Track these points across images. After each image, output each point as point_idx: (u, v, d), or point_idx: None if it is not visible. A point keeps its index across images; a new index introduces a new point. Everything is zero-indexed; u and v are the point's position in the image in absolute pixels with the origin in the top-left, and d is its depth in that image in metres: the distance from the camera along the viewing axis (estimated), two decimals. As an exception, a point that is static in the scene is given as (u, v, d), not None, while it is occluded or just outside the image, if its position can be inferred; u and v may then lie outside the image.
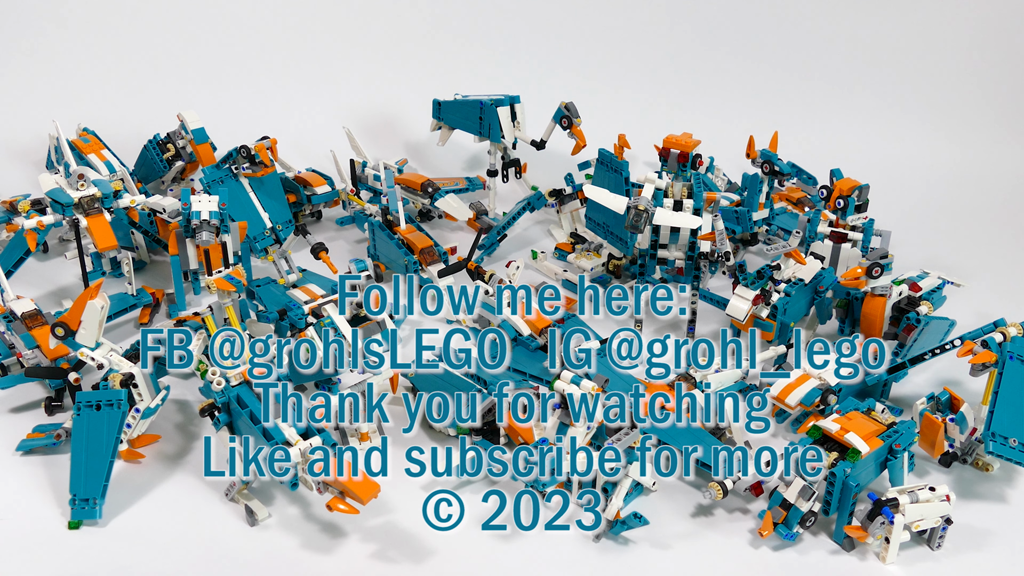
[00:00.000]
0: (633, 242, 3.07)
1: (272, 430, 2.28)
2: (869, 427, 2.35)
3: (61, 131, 3.31)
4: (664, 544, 2.33)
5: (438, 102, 3.84)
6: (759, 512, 2.38)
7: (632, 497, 2.43)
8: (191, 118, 3.60)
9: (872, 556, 2.31)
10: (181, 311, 3.14)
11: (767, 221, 3.56)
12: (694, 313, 3.11)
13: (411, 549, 2.29)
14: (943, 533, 2.32)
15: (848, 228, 3.13)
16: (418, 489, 2.47)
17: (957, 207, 4.22)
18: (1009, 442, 2.44)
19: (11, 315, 2.75)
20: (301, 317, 2.76)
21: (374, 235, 3.38)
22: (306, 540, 2.31)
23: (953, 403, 2.58)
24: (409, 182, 3.71)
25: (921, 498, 2.27)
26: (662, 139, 3.13)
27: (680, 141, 3.12)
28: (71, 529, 2.30)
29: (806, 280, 2.95)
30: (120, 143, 3.83)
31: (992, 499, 2.53)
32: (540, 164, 4.03)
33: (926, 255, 3.72)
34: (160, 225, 3.36)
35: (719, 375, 2.71)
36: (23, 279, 3.24)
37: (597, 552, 2.30)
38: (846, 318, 3.04)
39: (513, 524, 2.36)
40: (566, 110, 3.62)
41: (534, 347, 2.91)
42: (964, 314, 3.14)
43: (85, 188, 2.95)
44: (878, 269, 2.87)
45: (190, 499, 2.42)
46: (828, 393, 2.62)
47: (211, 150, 3.61)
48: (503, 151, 3.79)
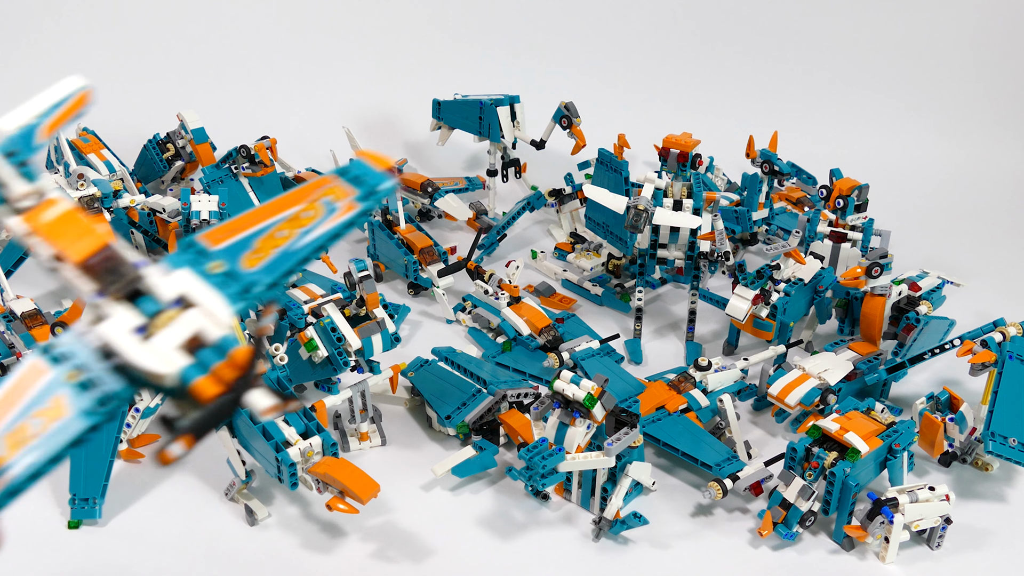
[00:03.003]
0: (633, 242, 3.07)
1: (272, 429, 2.28)
2: (869, 427, 2.35)
3: (61, 131, 3.30)
4: (664, 544, 2.33)
5: (438, 102, 3.84)
6: (759, 512, 2.38)
7: (632, 497, 2.43)
8: (191, 118, 3.60)
9: (872, 556, 2.31)
10: (181, 311, 3.14)
11: (767, 221, 3.56)
12: (693, 313, 3.11)
13: (411, 549, 2.29)
14: (943, 533, 2.32)
15: (848, 228, 3.13)
16: (418, 489, 2.47)
17: (957, 207, 4.22)
18: (1009, 442, 2.44)
19: (11, 315, 2.75)
20: (301, 317, 2.76)
21: (374, 235, 3.38)
22: (306, 540, 2.31)
23: (953, 403, 2.58)
24: (409, 182, 3.71)
25: (921, 498, 2.27)
26: (662, 139, 3.12)
27: (680, 141, 3.11)
28: (71, 529, 2.31)
29: (806, 280, 2.95)
30: (120, 143, 3.82)
31: (992, 499, 2.53)
32: (540, 164, 4.03)
33: (926, 255, 3.71)
34: (160, 225, 3.36)
35: (718, 375, 2.71)
36: (23, 279, 3.23)
37: (597, 552, 2.30)
38: (846, 318, 3.04)
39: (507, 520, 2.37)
40: (566, 110, 3.62)
41: (534, 347, 2.91)
42: (964, 314, 3.14)
43: (85, 188, 2.95)
44: (878, 269, 2.87)
45: (190, 499, 2.42)
46: (828, 393, 2.62)
47: (211, 150, 3.61)
48: (503, 151, 3.79)
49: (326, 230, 1.20)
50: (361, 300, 2.70)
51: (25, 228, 1.15)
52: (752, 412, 2.83)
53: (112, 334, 1.08)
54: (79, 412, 1.06)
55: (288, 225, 1.19)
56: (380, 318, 2.71)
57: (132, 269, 1.11)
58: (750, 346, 3.08)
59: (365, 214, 1.22)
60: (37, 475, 1.04)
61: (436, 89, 4.01)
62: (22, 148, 1.17)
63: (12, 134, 1.17)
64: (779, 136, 3.81)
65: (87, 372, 1.08)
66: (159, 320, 1.08)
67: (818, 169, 3.75)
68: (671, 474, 2.58)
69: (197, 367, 1.05)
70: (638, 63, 4.80)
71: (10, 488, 1.03)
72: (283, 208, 1.22)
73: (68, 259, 1.11)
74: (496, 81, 4.26)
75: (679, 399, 2.64)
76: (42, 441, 1.04)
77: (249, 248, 1.17)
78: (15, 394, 1.06)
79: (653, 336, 3.19)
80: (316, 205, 1.21)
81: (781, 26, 4.82)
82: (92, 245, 1.11)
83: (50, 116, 1.23)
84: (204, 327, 1.09)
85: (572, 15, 4.80)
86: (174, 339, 1.07)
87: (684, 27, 4.82)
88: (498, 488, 2.49)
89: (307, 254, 1.18)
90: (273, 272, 1.17)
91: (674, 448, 2.50)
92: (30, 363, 1.09)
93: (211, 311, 1.10)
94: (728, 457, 2.48)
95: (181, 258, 1.17)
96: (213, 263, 1.16)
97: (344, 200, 1.21)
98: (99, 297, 1.12)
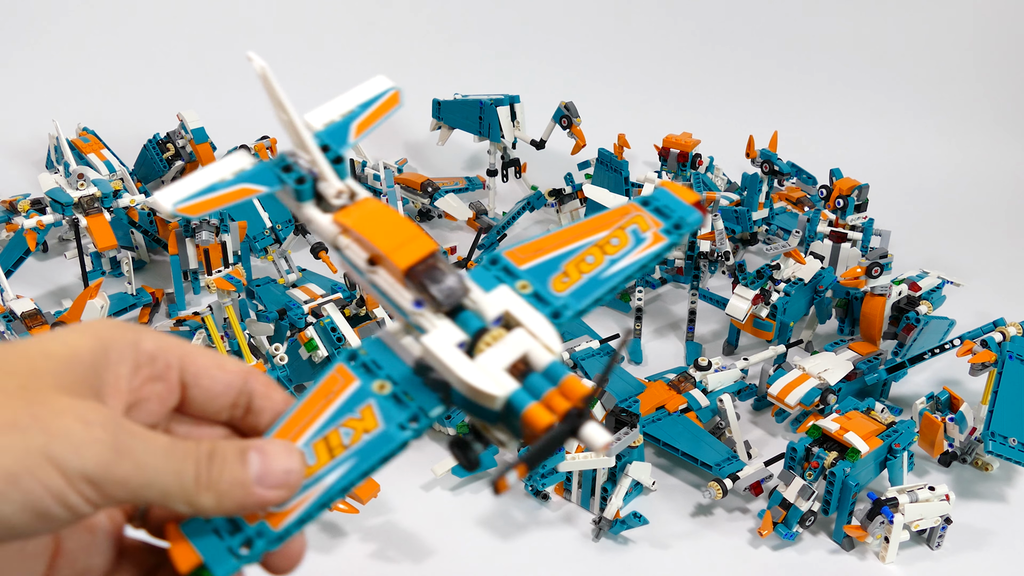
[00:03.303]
0: (633, 242, 3.07)
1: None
2: (869, 427, 2.35)
3: (61, 131, 3.31)
4: (664, 544, 2.33)
5: (438, 102, 3.84)
6: (759, 512, 2.38)
7: (632, 496, 2.43)
8: (191, 118, 3.60)
9: (871, 555, 2.31)
10: (181, 311, 3.14)
11: (767, 221, 3.56)
12: (693, 313, 3.11)
13: (411, 549, 2.29)
14: (942, 532, 2.32)
15: (848, 228, 3.13)
16: (418, 489, 2.47)
17: (957, 207, 4.22)
18: (1009, 441, 2.44)
19: (11, 315, 2.74)
20: (301, 317, 2.76)
21: (374, 235, 3.37)
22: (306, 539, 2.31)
23: (953, 403, 2.58)
24: (409, 182, 3.71)
25: (920, 497, 2.27)
26: (662, 139, 3.13)
27: (680, 141, 3.12)
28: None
29: (806, 280, 2.95)
30: (120, 143, 3.83)
31: (992, 499, 2.53)
32: (540, 164, 4.03)
33: (926, 255, 3.71)
34: (160, 225, 3.36)
35: (718, 375, 2.71)
36: (23, 279, 3.23)
37: (597, 552, 2.30)
38: (845, 318, 3.04)
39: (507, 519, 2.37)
40: (566, 110, 3.62)
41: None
42: (964, 314, 3.14)
43: (85, 188, 2.95)
44: (878, 269, 2.87)
45: (190, 499, 2.42)
46: (827, 392, 2.62)
47: (211, 150, 3.61)
48: (503, 151, 3.79)
49: (634, 260, 1.12)
50: (361, 300, 2.70)
51: (335, 228, 1.07)
52: (752, 412, 2.83)
53: (438, 348, 1.00)
54: (393, 427, 1.00)
55: (595, 251, 1.13)
56: (380, 318, 2.71)
57: (460, 279, 1.04)
58: (750, 346, 3.08)
59: (671, 248, 1.15)
60: (348, 487, 0.99)
61: (436, 89, 4.01)
62: (334, 144, 1.12)
63: (322, 130, 1.13)
64: (779, 136, 3.81)
65: (398, 385, 1.03)
66: (485, 338, 1.01)
67: (818, 169, 3.75)
68: (671, 474, 2.58)
69: (527, 392, 0.98)
70: (638, 63, 4.80)
71: (323, 499, 0.98)
72: (588, 233, 1.15)
73: (391, 264, 1.03)
74: (496, 81, 4.26)
75: (679, 399, 2.64)
76: (353, 452, 0.99)
77: (558, 271, 1.11)
78: (320, 399, 1.02)
79: (653, 336, 3.19)
80: (623, 233, 1.15)
81: (781, 26, 4.82)
82: (420, 251, 1.03)
83: (360, 115, 1.19)
84: (532, 350, 1.01)
85: (572, 15, 4.80)
86: (502, 360, 1.00)
87: (684, 27, 4.82)
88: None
89: (616, 283, 1.11)
90: (581, 299, 1.09)
91: (674, 448, 2.50)
92: (335, 368, 1.03)
93: (538, 334, 1.03)
94: (728, 457, 2.48)
95: (487, 274, 1.10)
96: (522, 282, 1.10)
97: (649, 231, 1.15)
98: (417, 307, 1.03)
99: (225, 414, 1.05)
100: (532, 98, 3.82)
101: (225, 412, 1.05)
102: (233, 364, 1.04)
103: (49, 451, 0.81)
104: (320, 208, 1.09)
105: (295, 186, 1.07)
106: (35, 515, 0.81)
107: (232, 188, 1.05)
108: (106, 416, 0.85)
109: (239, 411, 1.05)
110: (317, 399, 1.02)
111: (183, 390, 1.02)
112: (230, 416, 1.05)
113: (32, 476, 0.80)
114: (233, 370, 1.03)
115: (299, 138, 1.09)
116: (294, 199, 1.08)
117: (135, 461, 0.85)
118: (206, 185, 1.04)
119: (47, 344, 0.89)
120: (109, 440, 0.84)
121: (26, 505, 0.80)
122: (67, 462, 0.81)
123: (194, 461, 0.89)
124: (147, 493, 0.86)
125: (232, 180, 1.06)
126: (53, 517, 0.82)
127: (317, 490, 0.98)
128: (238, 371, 1.04)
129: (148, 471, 0.86)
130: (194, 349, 1.02)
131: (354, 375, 1.03)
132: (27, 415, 0.82)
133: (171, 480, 0.88)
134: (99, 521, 1.01)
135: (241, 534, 0.95)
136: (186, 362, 1.00)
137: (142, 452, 0.86)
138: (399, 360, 1.04)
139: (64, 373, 0.88)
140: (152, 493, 0.87)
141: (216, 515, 0.92)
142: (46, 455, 0.80)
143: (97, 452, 0.83)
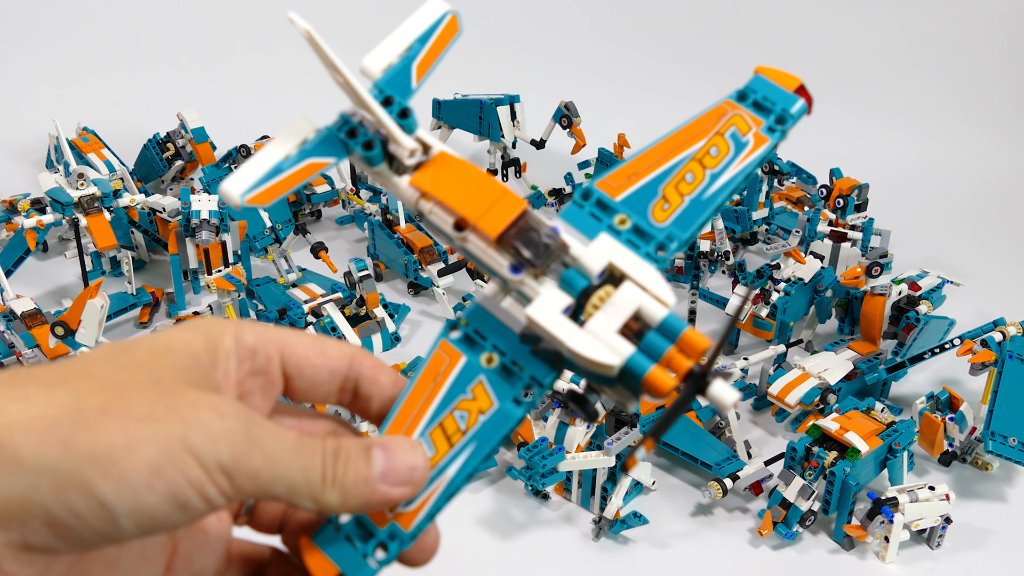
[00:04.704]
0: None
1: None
2: (869, 426, 2.35)
3: (61, 130, 3.31)
4: (664, 543, 2.33)
5: (438, 101, 3.84)
6: (759, 511, 2.38)
7: (632, 496, 2.43)
8: (191, 117, 3.60)
9: (871, 555, 2.31)
10: (181, 310, 3.14)
11: (767, 220, 3.56)
12: (693, 313, 3.11)
13: (411, 548, 2.28)
14: (942, 532, 2.32)
15: (848, 227, 3.13)
16: (418, 488, 2.47)
17: (957, 207, 4.22)
18: (1009, 441, 2.44)
19: (11, 314, 2.75)
20: (301, 316, 2.76)
21: (374, 234, 3.38)
22: (306, 539, 2.31)
23: (953, 402, 2.58)
24: (409, 181, 3.71)
25: (920, 497, 2.27)
26: (662, 138, 3.13)
27: (680, 140, 3.12)
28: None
29: (806, 279, 2.95)
30: (120, 143, 3.83)
31: (992, 498, 2.53)
32: (540, 163, 4.03)
33: (926, 255, 3.72)
34: (160, 224, 3.36)
35: (719, 374, 2.71)
36: (23, 278, 3.23)
37: (597, 551, 2.30)
38: (845, 317, 3.04)
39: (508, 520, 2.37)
40: (566, 109, 3.62)
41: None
42: (964, 313, 3.14)
43: (85, 187, 2.95)
44: (878, 268, 2.88)
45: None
46: (827, 392, 2.62)
47: (211, 149, 3.61)
48: (503, 150, 3.79)
49: (738, 171, 0.99)
50: (361, 300, 2.70)
51: (415, 193, 0.97)
52: (752, 412, 2.83)
53: (544, 319, 0.91)
54: (508, 403, 0.94)
55: (694, 167, 1.00)
56: (380, 317, 2.71)
57: (554, 238, 0.93)
58: (750, 346, 3.08)
59: (774, 149, 1.02)
60: (472, 475, 0.97)
61: (436, 89, 4.01)
62: (398, 95, 0.98)
63: (381, 78, 0.99)
64: (779, 136, 3.81)
65: (506, 355, 0.95)
66: (592, 299, 0.92)
67: (818, 169, 3.75)
68: (671, 474, 2.58)
69: (644, 355, 0.90)
70: (638, 63, 4.80)
71: (448, 491, 0.96)
72: (685, 145, 1.01)
73: (480, 230, 0.94)
74: (496, 81, 4.26)
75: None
76: (472, 437, 0.94)
77: (657, 196, 0.99)
78: (429, 381, 0.96)
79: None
80: (722, 140, 1.02)
81: (781, 26, 4.82)
82: (509, 213, 0.93)
83: (420, 53, 1.02)
84: (645, 305, 0.92)
85: (572, 15, 4.80)
86: (613, 322, 0.91)
87: (684, 27, 4.82)
88: (498, 488, 2.49)
89: (720, 202, 0.98)
90: (686, 226, 0.98)
91: (674, 448, 2.50)
92: (439, 345, 0.96)
93: (648, 286, 0.93)
94: (728, 457, 2.48)
95: (581, 213, 0.98)
96: (619, 216, 0.98)
97: (750, 133, 1.02)
98: (515, 273, 0.94)
99: (333, 399, 1.02)
100: (532, 98, 3.82)
101: (333, 397, 1.02)
102: (336, 349, 0.99)
103: (188, 441, 0.79)
104: (394, 169, 0.99)
105: (363, 152, 0.96)
106: (176, 506, 0.79)
107: (299, 166, 0.95)
108: (238, 409, 0.84)
109: (347, 396, 1.02)
110: (426, 382, 0.97)
111: (286, 381, 0.99)
112: (338, 401, 1.02)
113: (173, 466, 0.78)
114: (336, 356, 0.99)
115: (359, 98, 0.97)
116: (365, 164, 0.99)
117: (265, 454, 0.83)
118: (271, 167, 0.94)
119: (166, 340, 0.88)
120: (242, 432, 0.82)
121: (168, 495, 0.79)
122: (205, 452, 0.80)
123: (320, 457, 0.87)
124: (274, 488, 0.85)
125: (297, 156, 0.96)
126: (192, 508, 0.80)
127: (441, 483, 0.96)
128: (341, 356, 0.99)
129: (278, 465, 0.84)
130: (294, 337, 0.98)
131: (459, 351, 0.97)
132: (164, 406, 0.80)
133: (299, 476, 0.86)
134: (211, 522, 0.99)
135: (374, 539, 0.93)
136: (286, 352, 0.97)
137: (272, 446, 0.84)
138: (503, 326, 0.97)
139: (188, 368, 0.87)
140: (279, 488, 0.85)
141: (340, 512, 0.90)
142: (186, 445, 0.79)
143: (232, 443, 0.81)
